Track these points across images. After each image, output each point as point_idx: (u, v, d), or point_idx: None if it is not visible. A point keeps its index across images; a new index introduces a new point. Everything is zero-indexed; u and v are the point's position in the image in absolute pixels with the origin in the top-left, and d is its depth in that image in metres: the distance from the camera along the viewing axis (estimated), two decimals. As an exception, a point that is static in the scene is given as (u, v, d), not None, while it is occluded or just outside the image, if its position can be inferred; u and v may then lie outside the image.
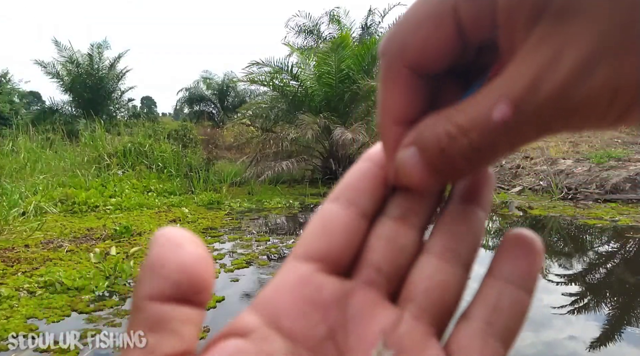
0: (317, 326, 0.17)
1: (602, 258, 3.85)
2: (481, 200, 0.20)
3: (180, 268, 0.15)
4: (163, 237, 0.16)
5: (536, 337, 2.36)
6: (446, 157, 0.16)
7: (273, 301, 0.17)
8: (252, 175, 7.15)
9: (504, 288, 0.18)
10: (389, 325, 0.17)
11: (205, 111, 16.54)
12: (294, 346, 0.17)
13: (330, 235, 0.18)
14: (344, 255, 0.18)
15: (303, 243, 0.19)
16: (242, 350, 0.16)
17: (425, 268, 0.18)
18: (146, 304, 0.15)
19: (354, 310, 0.18)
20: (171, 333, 0.15)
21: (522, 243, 0.18)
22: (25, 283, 2.94)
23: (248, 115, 8.67)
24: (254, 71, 7.99)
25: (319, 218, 0.19)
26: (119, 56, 14.39)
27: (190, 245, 0.16)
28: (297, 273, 0.18)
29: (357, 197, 0.19)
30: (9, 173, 6.49)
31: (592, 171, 6.37)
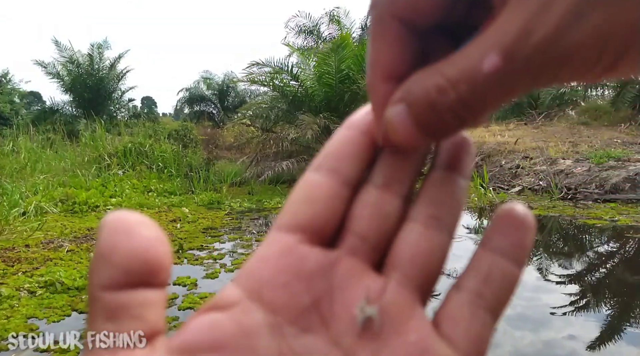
0: (300, 297, 0.17)
1: (601, 258, 3.85)
2: (462, 168, 0.20)
3: (131, 253, 0.15)
4: (111, 223, 0.15)
5: (536, 336, 2.36)
6: (435, 112, 0.15)
7: (255, 273, 0.17)
8: (252, 175, 7.15)
9: (495, 261, 0.18)
10: (375, 292, 0.17)
11: (206, 111, 16.53)
12: (276, 318, 0.16)
13: (313, 204, 0.18)
14: (328, 224, 0.18)
15: (286, 213, 0.18)
16: (218, 324, 0.16)
17: (410, 236, 0.18)
18: (101, 294, 0.15)
19: (339, 279, 0.17)
20: (132, 319, 0.15)
21: (514, 218, 0.18)
22: (25, 283, 2.95)
23: (248, 115, 8.67)
24: (254, 71, 7.99)
25: (301, 188, 0.19)
26: (119, 56, 14.39)
27: (139, 228, 0.15)
28: (280, 244, 0.18)
29: (340, 165, 0.19)
30: (9, 173, 6.49)
31: (592, 171, 6.37)
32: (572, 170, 6.63)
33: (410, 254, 0.18)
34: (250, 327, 0.16)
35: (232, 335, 0.16)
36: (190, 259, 3.56)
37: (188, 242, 4.08)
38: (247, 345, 0.16)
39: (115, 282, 0.15)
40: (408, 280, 0.18)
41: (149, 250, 0.15)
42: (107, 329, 0.15)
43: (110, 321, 0.15)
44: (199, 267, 3.40)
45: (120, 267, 0.15)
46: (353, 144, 0.19)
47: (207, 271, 3.26)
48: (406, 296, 0.17)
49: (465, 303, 0.18)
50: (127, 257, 0.15)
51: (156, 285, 0.16)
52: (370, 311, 0.17)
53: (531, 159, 7.52)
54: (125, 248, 0.15)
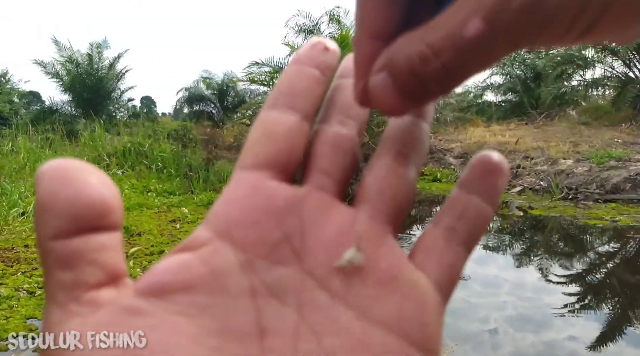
0: (271, 233, 0.17)
1: (602, 258, 3.85)
2: (423, 112, 0.20)
3: (75, 199, 0.14)
4: (48, 172, 0.15)
5: (536, 337, 2.36)
6: (418, 80, 0.15)
7: (224, 214, 0.17)
8: (252, 175, 7.15)
9: (469, 200, 0.19)
10: (345, 224, 0.18)
11: (205, 111, 16.54)
12: (246, 255, 0.16)
13: (275, 140, 0.18)
14: (292, 159, 0.18)
15: (248, 153, 0.18)
16: (186, 265, 0.16)
17: (378, 171, 0.19)
18: (51, 244, 0.15)
19: (309, 214, 0.17)
20: (89, 264, 0.15)
21: (489, 163, 0.19)
22: (24, 283, 2.95)
23: (248, 115, 8.68)
24: (253, 71, 8.00)
25: (260, 126, 0.19)
26: (119, 56, 14.40)
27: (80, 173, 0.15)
28: (246, 183, 0.17)
29: (296, 100, 0.19)
30: (8, 173, 6.49)
31: (593, 171, 6.37)
32: (573, 170, 6.63)
33: (380, 187, 0.18)
34: (220, 265, 0.16)
35: (202, 275, 0.15)
36: (190, 259, 3.56)
37: (188, 242, 4.07)
38: (217, 283, 0.15)
39: (63, 230, 0.14)
40: (378, 212, 0.18)
41: (93, 194, 0.15)
42: (64, 278, 0.15)
43: (66, 270, 0.15)
44: (199, 267, 3.39)
45: (66, 214, 0.14)
46: (306, 79, 0.19)
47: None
48: (376, 228, 0.18)
49: (439, 237, 0.19)
50: (71, 203, 0.14)
51: (108, 228, 0.15)
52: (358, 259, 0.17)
53: (532, 159, 7.52)
54: (67, 195, 0.14)
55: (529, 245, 4.31)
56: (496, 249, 4.10)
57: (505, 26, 0.14)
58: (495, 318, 2.56)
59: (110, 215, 0.15)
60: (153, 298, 0.15)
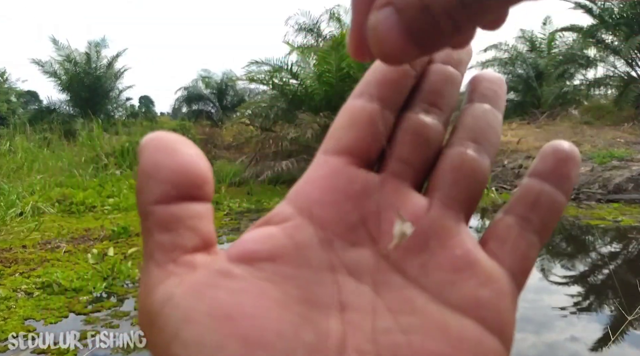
0: (349, 214, 0.18)
1: (604, 258, 3.84)
2: (498, 103, 0.20)
3: (178, 169, 0.16)
4: (151, 143, 0.16)
5: (538, 338, 2.35)
6: (429, 16, 0.13)
7: (306, 193, 0.18)
8: (252, 175, 7.14)
9: (543, 188, 0.19)
10: (420, 210, 0.18)
11: (204, 110, 16.52)
12: (326, 233, 0.17)
13: (358, 128, 0.19)
14: (373, 147, 0.19)
15: (331, 138, 0.19)
16: (273, 236, 0.17)
17: (452, 159, 0.19)
18: (153, 208, 0.16)
19: (385, 199, 0.18)
20: (187, 229, 0.16)
21: (561, 151, 0.19)
22: (22, 284, 2.95)
23: (247, 115, 8.67)
24: (253, 70, 7.99)
25: (345, 114, 0.19)
26: (117, 55, 14.37)
27: (180, 145, 0.16)
28: (328, 166, 0.18)
29: (381, 90, 0.19)
30: (6, 173, 6.47)
31: (595, 171, 6.37)
32: (573, 169, 6.63)
33: (453, 175, 0.19)
34: (303, 240, 0.17)
35: (286, 247, 0.17)
36: (189, 260, 3.55)
37: (187, 242, 4.06)
38: (300, 256, 0.16)
39: (165, 196, 0.16)
40: (451, 199, 0.18)
41: (192, 165, 0.16)
42: (164, 240, 0.16)
43: (166, 232, 0.16)
44: (198, 267, 3.38)
45: (168, 181, 0.16)
46: (395, 71, 0.19)
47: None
48: (450, 214, 0.18)
49: (513, 225, 0.18)
50: (173, 172, 0.16)
51: (203, 199, 0.16)
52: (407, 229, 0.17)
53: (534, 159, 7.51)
54: (170, 164, 0.16)
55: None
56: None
57: None
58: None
59: (205, 186, 0.16)
60: (243, 264, 0.16)
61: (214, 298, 0.15)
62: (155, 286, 0.16)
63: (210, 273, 0.16)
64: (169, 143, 0.16)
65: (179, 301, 0.15)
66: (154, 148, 0.16)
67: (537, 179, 0.19)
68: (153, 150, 0.16)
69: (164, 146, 0.16)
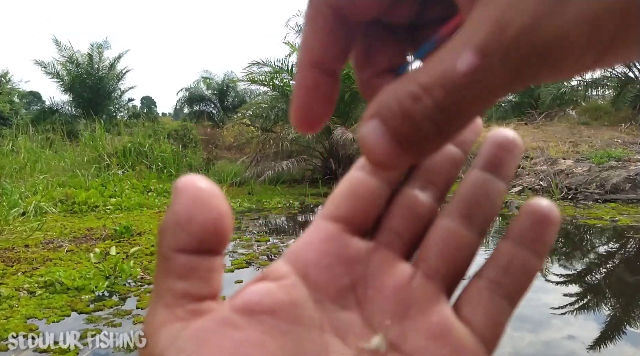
0: (340, 278, 0.19)
1: (601, 258, 3.85)
2: (502, 170, 0.20)
3: (207, 224, 0.16)
4: (187, 191, 0.17)
5: (535, 337, 2.35)
6: (412, 122, 0.14)
7: (303, 254, 0.19)
8: (252, 175, 7.15)
9: (516, 252, 0.19)
10: (404, 280, 0.19)
11: (205, 111, 16.53)
12: (318, 294, 0.18)
13: (356, 199, 0.20)
14: (368, 218, 0.20)
15: (331, 204, 0.20)
16: (271, 292, 0.18)
17: (440, 232, 0.20)
18: (174, 255, 0.17)
19: (374, 267, 0.19)
20: (200, 280, 0.17)
21: (539, 212, 0.19)
22: (25, 283, 2.95)
23: (248, 115, 8.67)
24: (254, 71, 8.00)
25: (347, 183, 0.21)
26: (119, 56, 14.39)
27: (214, 200, 0.17)
28: (325, 231, 0.20)
29: None
30: (9, 173, 6.49)
31: (592, 171, 6.37)
32: (573, 170, 6.63)
33: (439, 249, 0.19)
34: (298, 299, 0.18)
35: (284, 303, 0.18)
36: (190, 259, 3.56)
37: (188, 242, 4.07)
38: (296, 313, 0.18)
39: (189, 247, 0.17)
40: (435, 272, 0.19)
41: (221, 223, 0.17)
42: (177, 286, 0.17)
43: (181, 280, 0.17)
44: (199, 267, 3.39)
45: (196, 235, 0.16)
46: None
47: (206, 272, 3.26)
48: (432, 286, 0.19)
49: (484, 290, 0.19)
50: (202, 228, 0.16)
51: (220, 253, 0.17)
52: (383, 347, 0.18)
53: (531, 159, 7.52)
54: (201, 219, 0.16)
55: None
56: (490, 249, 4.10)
57: (501, 58, 0.13)
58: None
59: (225, 243, 0.17)
60: (246, 316, 0.17)
61: (218, 345, 0.16)
62: (161, 327, 0.16)
63: (215, 321, 0.17)
64: (204, 196, 0.17)
65: (184, 344, 0.16)
66: (190, 197, 0.17)
67: (510, 242, 0.19)
68: (188, 199, 0.17)
69: (199, 198, 0.17)
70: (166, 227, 0.17)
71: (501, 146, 0.20)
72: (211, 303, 0.17)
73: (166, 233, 0.17)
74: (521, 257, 0.19)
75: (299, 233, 1.63)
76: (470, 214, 0.19)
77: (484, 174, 0.20)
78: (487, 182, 0.20)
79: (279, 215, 5.52)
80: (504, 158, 0.20)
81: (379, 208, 0.20)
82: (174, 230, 0.17)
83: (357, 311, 0.19)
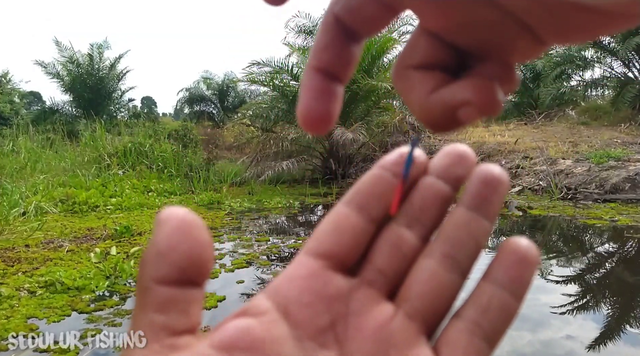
0: (321, 316, 0.19)
1: (601, 258, 3.85)
2: (487, 209, 0.20)
3: (188, 255, 0.17)
4: (169, 221, 0.17)
5: (534, 336, 2.35)
6: None
7: (284, 290, 0.19)
8: (253, 175, 7.16)
9: (495, 293, 0.19)
10: (384, 320, 0.19)
11: (206, 111, 16.54)
12: (298, 332, 0.18)
13: (341, 236, 0.20)
14: (351, 255, 0.20)
15: (315, 240, 0.20)
16: (251, 328, 0.18)
17: (422, 273, 0.19)
18: (154, 286, 0.17)
19: (355, 305, 0.19)
20: (180, 313, 0.17)
21: (517, 251, 0.19)
22: (25, 283, 2.95)
23: (248, 115, 8.67)
24: (254, 71, 8.00)
25: (331, 219, 0.20)
26: (120, 56, 14.40)
27: (196, 231, 0.17)
28: (308, 267, 0.19)
29: (368, 202, 0.20)
30: (9, 173, 6.50)
31: (592, 171, 6.37)
32: (572, 170, 6.63)
33: (420, 290, 0.19)
34: (278, 335, 0.18)
35: (264, 340, 0.17)
36: (190, 259, 3.56)
37: (188, 242, 4.07)
38: (274, 350, 0.17)
39: (169, 278, 0.17)
40: (416, 313, 0.19)
41: (203, 254, 0.17)
42: (156, 319, 0.16)
43: (160, 313, 0.16)
44: (199, 266, 3.39)
45: (177, 266, 0.16)
46: (382, 184, 0.20)
47: (206, 271, 3.26)
48: (413, 327, 0.19)
49: (463, 331, 0.19)
50: (184, 257, 0.17)
51: (201, 285, 0.17)
52: None
53: (531, 159, 7.52)
54: (182, 250, 0.17)
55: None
56: (495, 249, 4.11)
57: None
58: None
59: (206, 274, 0.17)
60: (224, 353, 0.17)
61: None
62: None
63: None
64: (185, 225, 0.17)
65: None
66: (172, 228, 0.17)
67: (489, 283, 0.19)
68: (170, 230, 0.17)
69: (181, 228, 0.17)
70: (147, 258, 0.17)
71: (487, 183, 0.20)
72: (189, 338, 0.17)
73: (147, 264, 0.17)
74: (500, 298, 0.19)
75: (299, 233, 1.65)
76: (453, 255, 0.19)
77: (468, 213, 0.20)
78: (471, 221, 0.20)
79: (279, 215, 5.53)
80: (489, 197, 0.20)
81: (363, 245, 0.20)
82: (155, 261, 0.17)
83: (336, 350, 0.18)
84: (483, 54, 0.18)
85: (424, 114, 0.19)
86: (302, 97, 0.19)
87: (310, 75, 0.19)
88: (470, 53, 0.19)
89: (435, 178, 0.20)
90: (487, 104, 0.17)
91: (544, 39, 0.17)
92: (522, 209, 5.44)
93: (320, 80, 0.19)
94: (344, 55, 0.19)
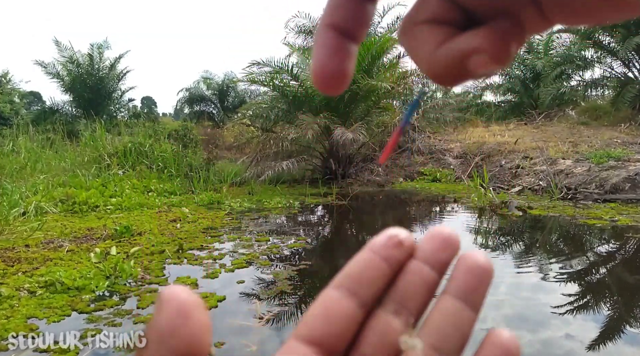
0: None
1: (601, 258, 3.85)
2: (474, 300, 0.21)
3: (188, 342, 0.17)
4: (172, 303, 0.17)
5: (534, 336, 2.36)
6: None
7: None
8: (253, 175, 7.16)
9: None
10: None
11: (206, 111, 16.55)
12: None
13: (330, 322, 0.20)
14: (340, 341, 0.20)
15: (305, 325, 0.20)
16: None
17: None
18: None
19: None
20: None
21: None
22: (25, 283, 2.95)
23: (248, 115, 8.68)
24: (254, 71, 8.00)
25: (322, 303, 0.21)
26: (120, 56, 14.41)
27: (197, 314, 0.17)
28: (298, 354, 0.20)
29: (358, 287, 0.20)
30: (9, 173, 6.50)
31: (592, 171, 6.37)
32: (572, 170, 6.63)
33: None
34: None
35: None
36: (190, 259, 3.57)
37: (188, 242, 4.08)
38: None
39: None
40: None
41: (202, 338, 0.17)
42: None
43: None
44: (199, 266, 3.40)
45: (177, 350, 0.17)
46: (373, 269, 0.21)
47: (207, 271, 3.26)
48: None
49: None
50: (184, 344, 0.17)
51: None
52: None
53: (531, 159, 7.52)
54: (183, 336, 0.17)
55: (528, 245, 4.32)
56: (494, 248, 4.11)
57: None
58: (493, 317, 2.57)
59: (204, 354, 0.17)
60: None
61: None
62: None
63: None
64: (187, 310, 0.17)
65: None
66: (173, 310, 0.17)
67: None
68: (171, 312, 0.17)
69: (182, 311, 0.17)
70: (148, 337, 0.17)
71: (473, 273, 0.20)
72: None
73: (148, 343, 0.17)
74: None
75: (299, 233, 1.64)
76: (439, 346, 0.20)
77: (455, 303, 0.20)
78: (457, 312, 0.20)
79: (279, 215, 5.53)
80: (475, 287, 0.20)
81: (352, 331, 0.20)
82: (155, 342, 0.17)
83: None
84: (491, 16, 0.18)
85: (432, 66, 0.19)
86: (316, 54, 0.19)
87: (324, 33, 0.19)
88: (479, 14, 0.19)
89: (422, 264, 0.21)
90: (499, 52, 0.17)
91: (549, 16, 0.18)
92: (522, 209, 5.44)
93: (334, 38, 0.19)
94: (358, 13, 0.19)
